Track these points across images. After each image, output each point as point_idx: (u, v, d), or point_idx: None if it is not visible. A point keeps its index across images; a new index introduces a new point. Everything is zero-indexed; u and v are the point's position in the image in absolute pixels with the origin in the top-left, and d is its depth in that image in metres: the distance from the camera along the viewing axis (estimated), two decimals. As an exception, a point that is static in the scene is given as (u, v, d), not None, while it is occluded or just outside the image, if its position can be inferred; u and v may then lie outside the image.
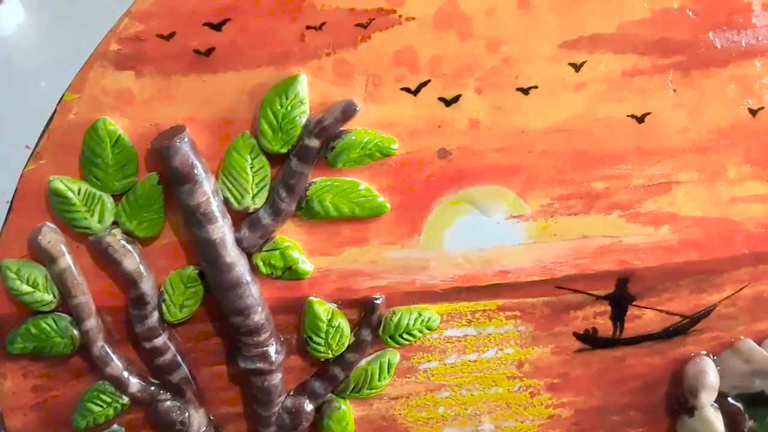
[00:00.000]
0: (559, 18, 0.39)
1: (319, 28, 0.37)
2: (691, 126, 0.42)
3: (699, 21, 0.40)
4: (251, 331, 0.41)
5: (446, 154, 0.41)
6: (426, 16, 0.38)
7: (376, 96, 0.39)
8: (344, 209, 0.40)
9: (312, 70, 0.38)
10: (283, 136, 0.38)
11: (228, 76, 0.38)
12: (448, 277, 0.44)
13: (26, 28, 0.71)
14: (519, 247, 0.44)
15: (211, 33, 0.37)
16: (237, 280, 0.39)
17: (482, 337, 0.46)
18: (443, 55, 0.39)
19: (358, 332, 0.43)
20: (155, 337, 0.41)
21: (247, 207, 0.39)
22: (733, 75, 0.42)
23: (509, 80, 0.40)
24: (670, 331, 0.47)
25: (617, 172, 0.43)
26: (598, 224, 0.44)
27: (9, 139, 0.59)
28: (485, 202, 0.42)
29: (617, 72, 0.40)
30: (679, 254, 0.45)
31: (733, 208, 0.45)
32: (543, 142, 0.41)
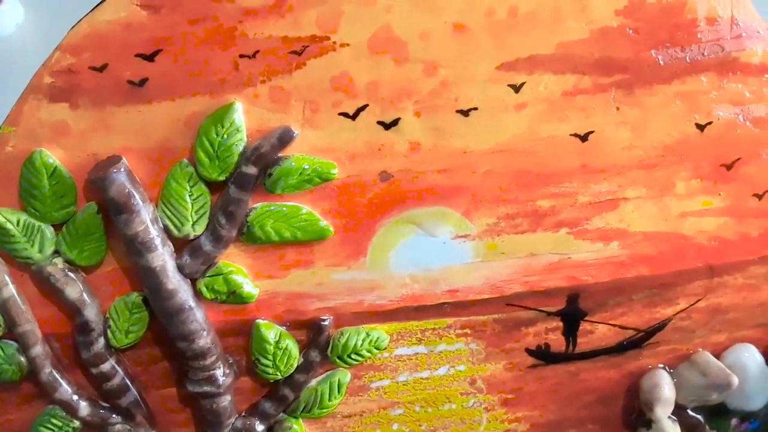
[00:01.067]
0: (496, 40, 0.39)
1: (252, 56, 0.37)
2: (636, 143, 0.42)
3: (640, 39, 0.40)
4: (197, 355, 0.41)
5: (388, 177, 0.41)
6: (360, 42, 0.38)
7: (314, 121, 0.39)
8: (286, 234, 0.40)
9: (248, 97, 0.38)
10: (220, 164, 0.38)
11: (163, 106, 0.38)
12: (396, 297, 0.44)
13: (26, 28, 0.71)
14: (466, 266, 0.44)
15: (143, 64, 0.37)
16: (180, 306, 0.40)
17: (433, 355, 0.46)
18: (380, 80, 0.39)
19: (306, 353, 0.43)
20: (102, 363, 0.41)
21: (187, 234, 0.39)
22: (678, 91, 0.41)
23: (448, 103, 0.40)
24: (624, 344, 0.47)
25: (563, 190, 0.43)
26: (546, 242, 0.44)
27: None
28: (430, 222, 0.42)
29: (558, 92, 0.40)
30: (630, 269, 0.45)
31: (684, 223, 0.45)
32: (486, 163, 0.41)
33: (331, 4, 0.37)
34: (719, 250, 0.46)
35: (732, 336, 0.49)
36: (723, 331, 0.48)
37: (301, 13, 0.37)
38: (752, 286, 0.47)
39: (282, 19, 0.37)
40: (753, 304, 0.48)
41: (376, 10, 0.37)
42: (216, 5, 0.36)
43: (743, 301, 0.48)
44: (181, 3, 0.36)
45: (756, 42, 0.42)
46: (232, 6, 0.36)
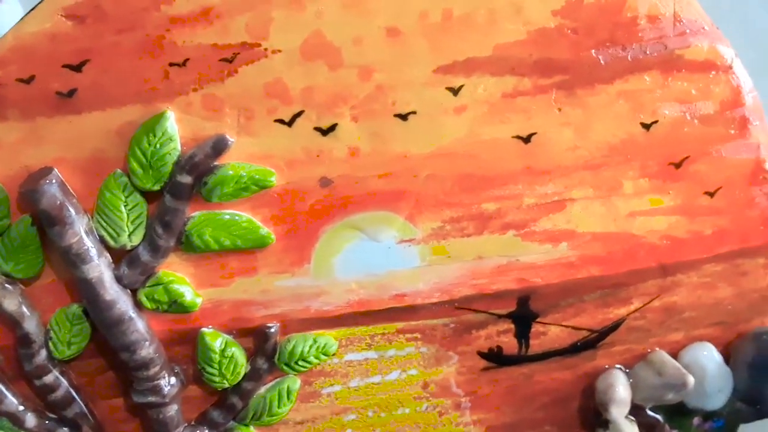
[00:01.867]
0: (431, 44, 0.38)
1: (182, 64, 0.37)
2: (580, 143, 0.42)
3: (579, 39, 0.40)
4: (140, 365, 0.41)
5: (328, 183, 0.40)
6: (292, 48, 0.37)
7: (249, 129, 0.39)
8: (226, 242, 0.40)
9: (180, 106, 0.38)
10: (154, 173, 0.38)
11: (94, 116, 0.38)
12: (343, 303, 0.43)
13: None
14: (413, 270, 0.43)
15: (71, 74, 0.37)
16: (119, 317, 0.39)
17: (384, 360, 0.46)
18: (315, 86, 0.38)
19: (254, 361, 0.43)
20: (45, 375, 0.41)
21: (124, 245, 0.39)
22: (621, 90, 0.41)
23: (386, 107, 0.39)
24: (578, 345, 0.47)
25: (508, 193, 0.42)
26: (493, 244, 0.43)
27: None
28: (373, 227, 0.42)
29: (497, 94, 0.40)
30: (580, 270, 0.45)
31: (634, 222, 0.44)
32: (427, 167, 0.41)
33: (259, 10, 0.37)
34: (671, 248, 0.45)
35: (689, 334, 0.48)
36: (680, 330, 0.48)
37: (229, 20, 0.37)
38: (708, 285, 0.47)
39: (210, 26, 0.37)
40: (709, 303, 0.47)
41: (306, 16, 0.37)
42: (142, 14, 0.36)
43: (699, 299, 0.47)
44: (106, 13, 0.36)
45: (701, 39, 0.41)
46: (159, 14, 0.36)
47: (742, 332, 0.49)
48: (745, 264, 0.47)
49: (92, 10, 0.36)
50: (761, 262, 0.47)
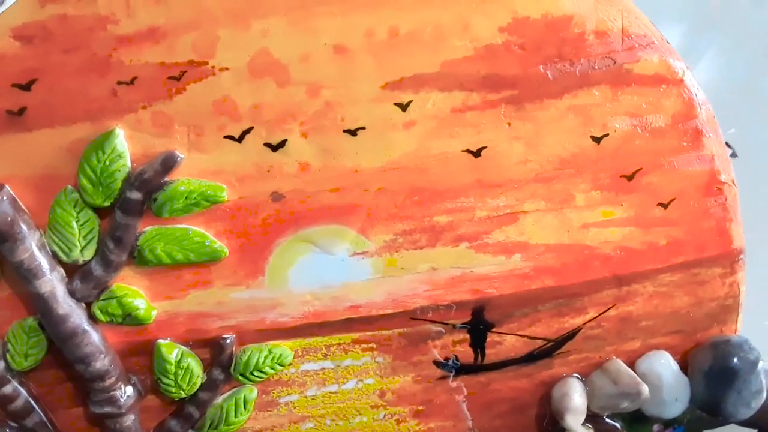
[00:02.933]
0: (378, 61, 0.39)
1: (130, 82, 0.38)
2: (531, 157, 0.42)
3: (527, 55, 0.40)
4: (95, 377, 0.41)
5: (280, 197, 0.41)
6: (239, 66, 0.38)
7: (199, 145, 0.39)
8: (178, 256, 0.41)
9: (130, 123, 0.38)
10: (104, 190, 0.38)
11: (44, 134, 0.38)
12: (299, 314, 0.44)
13: None
14: (367, 282, 0.44)
15: (20, 93, 0.37)
16: (73, 330, 0.40)
17: (340, 370, 0.46)
18: (263, 103, 0.39)
19: (210, 372, 0.44)
20: (3, 385, 0.42)
21: (76, 260, 0.40)
22: (571, 105, 0.41)
23: (335, 123, 0.40)
24: (534, 354, 0.48)
25: (459, 206, 0.43)
26: (447, 256, 0.44)
27: None
28: (326, 241, 0.42)
29: (446, 109, 0.40)
30: (534, 281, 0.45)
31: (587, 234, 0.45)
32: (378, 181, 0.41)
33: (205, 29, 0.37)
34: (625, 259, 0.46)
35: (646, 343, 0.49)
36: (637, 339, 0.49)
37: (175, 39, 0.37)
38: (664, 294, 0.47)
39: (157, 45, 0.37)
40: (666, 312, 0.48)
41: (252, 35, 0.37)
42: (88, 34, 0.36)
43: (655, 309, 0.48)
44: (53, 33, 0.36)
45: (650, 53, 0.42)
46: (105, 34, 0.36)
47: (700, 341, 0.49)
48: (702, 273, 0.47)
49: (39, 30, 0.36)
50: (718, 271, 0.47)
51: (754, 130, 0.63)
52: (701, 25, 0.61)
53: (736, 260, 0.47)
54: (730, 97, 0.62)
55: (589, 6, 0.40)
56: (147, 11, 0.36)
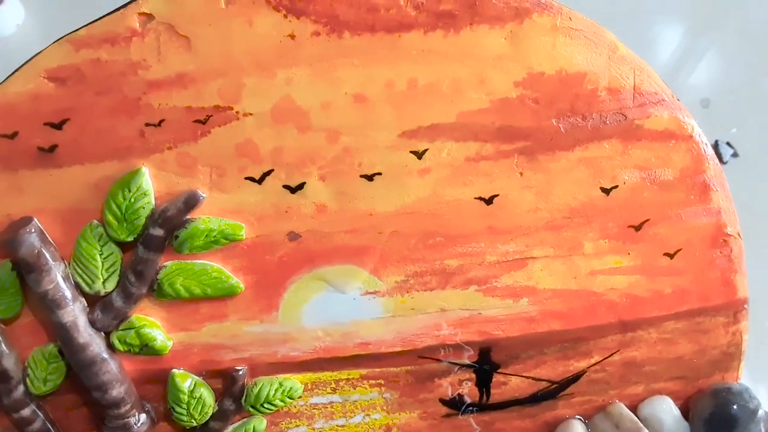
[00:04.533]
0: (397, 110, 0.40)
1: (158, 125, 0.39)
2: (541, 206, 0.43)
3: (540, 109, 0.41)
4: (111, 404, 0.43)
5: (296, 237, 0.42)
6: (263, 111, 0.39)
7: (221, 185, 0.41)
8: (196, 290, 0.42)
9: (155, 162, 0.40)
10: (128, 226, 0.40)
11: (74, 170, 0.40)
12: (310, 349, 0.45)
13: (26, 28, 0.72)
14: (377, 320, 0.45)
15: (52, 131, 0.39)
16: (92, 359, 0.41)
17: (348, 404, 0.47)
18: (284, 147, 0.40)
19: (222, 402, 0.45)
20: (22, 408, 0.43)
21: (98, 291, 0.41)
22: (581, 157, 0.43)
23: (352, 168, 0.41)
24: (538, 396, 0.49)
25: (470, 250, 0.44)
26: (456, 298, 0.45)
27: None
28: (339, 280, 0.44)
29: (461, 158, 0.42)
30: (540, 324, 0.46)
31: (594, 280, 0.46)
32: (392, 224, 0.43)
33: (232, 77, 0.38)
34: (631, 306, 0.47)
35: (649, 388, 0.50)
36: (640, 383, 0.49)
37: (203, 86, 0.38)
38: (667, 341, 0.48)
39: (185, 90, 0.38)
40: (669, 358, 0.49)
41: (276, 83, 0.39)
42: (120, 78, 0.38)
43: (659, 354, 0.48)
44: (85, 76, 0.38)
45: (661, 109, 0.43)
46: (136, 78, 0.38)
47: (701, 388, 0.50)
48: (706, 322, 0.48)
49: (73, 72, 0.38)
50: (721, 320, 0.48)
51: (754, 130, 0.63)
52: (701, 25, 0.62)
53: (739, 310, 0.48)
54: (730, 97, 0.63)
55: (602, 64, 0.41)
56: (177, 58, 0.38)
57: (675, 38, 0.65)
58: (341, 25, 0.38)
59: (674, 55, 0.65)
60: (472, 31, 0.39)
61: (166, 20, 0.37)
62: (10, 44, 0.71)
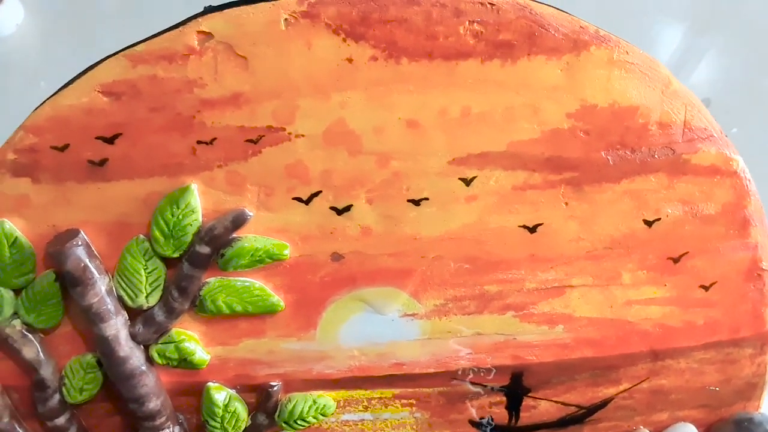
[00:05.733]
0: (448, 137, 0.40)
1: (210, 143, 0.39)
2: (583, 236, 0.43)
3: (591, 140, 0.41)
4: (147, 417, 0.43)
5: (339, 258, 0.42)
6: (315, 134, 0.39)
7: (268, 205, 0.41)
8: (237, 307, 0.42)
9: (205, 180, 0.40)
10: (175, 242, 0.40)
11: (122, 184, 0.39)
12: (344, 368, 0.45)
13: (26, 28, 0.71)
14: (414, 342, 0.45)
15: (103, 145, 0.38)
16: (131, 372, 0.41)
17: (379, 422, 0.47)
18: (334, 169, 0.40)
19: (255, 416, 0.45)
20: (56, 417, 0.43)
21: (141, 305, 0.41)
22: (627, 190, 0.43)
23: (400, 192, 0.41)
24: (566, 420, 0.49)
25: (510, 277, 0.44)
26: (493, 323, 0.45)
27: None
28: (379, 301, 0.44)
29: (508, 186, 0.42)
30: (574, 351, 0.46)
31: (630, 310, 0.46)
32: (435, 249, 0.43)
33: (287, 98, 0.38)
34: (663, 336, 0.47)
35: (674, 415, 0.50)
36: (665, 410, 0.50)
37: (257, 106, 0.38)
38: (695, 370, 0.49)
39: (239, 110, 0.38)
40: (696, 387, 0.49)
41: (330, 106, 0.39)
42: (175, 95, 0.38)
43: (686, 383, 0.49)
44: (140, 92, 0.37)
45: (709, 145, 0.43)
46: (191, 96, 0.38)
47: (723, 416, 0.50)
48: (734, 353, 0.48)
49: (128, 88, 0.37)
50: (749, 351, 0.48)
51: (754, 129, 0.64)
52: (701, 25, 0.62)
53: (766, 342, 0.48)
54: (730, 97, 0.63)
55: (655, 98, 0.41)
56: (233, 78, 0.38)
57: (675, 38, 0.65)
58: (399, 50, 0.38)
59: (674, 55, 0.65)
60: (529, 61, 0.39)
61: (224, 40, 0.37)
62: (9, 44, 0.70)
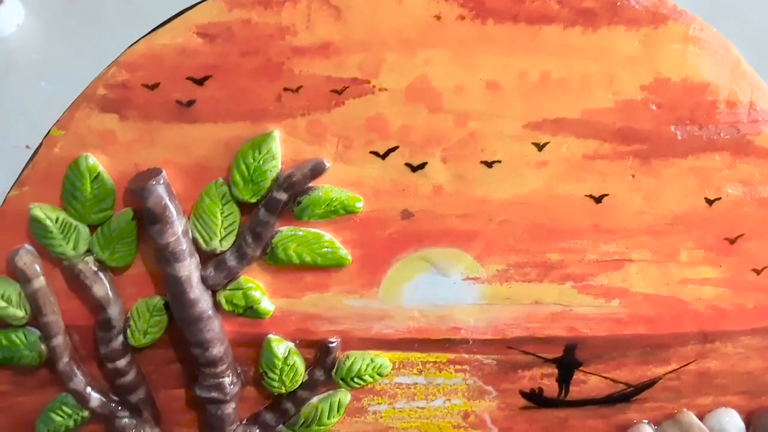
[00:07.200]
0: (526, 101, 0.41)
1: (296, 90, 0.40)
2: (647, 210, 0.44)
3: (661, 114, 0.42)
4: (209, 363, 0.43)
5: (409, 215, 0.43)
6: (398, 88, 0.40)
7: (345, 157, 0.41)
8: (307, 258, 0.42)
9: (287, 127, 0.40)
10: (254, 187, 0.40)
11: (207, 127, 0.40)
12: (403, 328, 0.46)
13: (26, 28, 0.72)
14: (473, 306, 0.46)
15: (193, 86, 0.39)
16: (199, 315, 0.42)
17: (431, 387, 0.48)
18: (412, 125, 0.41)
19: (312, 371, 0.46)
20: (118, 359, 0.44)
21: (214, 249, 0.42)
22: (692, 166, 0.44)
23: (474, 153, 0.42)
24: (614, 397, 0.49)
25: (572, 246, 0.45)
26: (551, 292, 0.46)
27: (9, 139, 0.60)
28: (444, 262, 0.44)
29: (578, 154, 0.42)
30: (627, 327, 0.47)
31: (684, 289, 0.47)
32: (503, 212, 0.43)
33: (374, 51, 0.39)
34: (715, 317, 0.48)
35: (717, 400, 0.51)
36: (709, 395, 0.50)
37: (345, 57, 0.39)
38: (741, 355, 0.49)
39: (327, 59, 0.39)
40: (740, 372, 0.50)
41: (416, 62, 0.40)
42: (267, 41, 0.39)
43: (732, 368, 0.49)
44: (234, 35, 0.38)
45: (771, 127, 0.44)
46: (282, 43, 0.39)
47: (764, 404, 0.51)
48: (780, 340, 0.49)
49: (223, 30, 0.38)
50: (794, 340, 0.49)
51: None
52: None
53: (812, 330, 0.49)
54: None
55: (725, 77, 0.42)
56: (325, 27, 0.39)
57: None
58: (486, 11, 0.39)
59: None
60: (609, 30, 0.40)
61: (319, -12, 0.38)
62: (10, 44, 0.71)
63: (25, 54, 0.68)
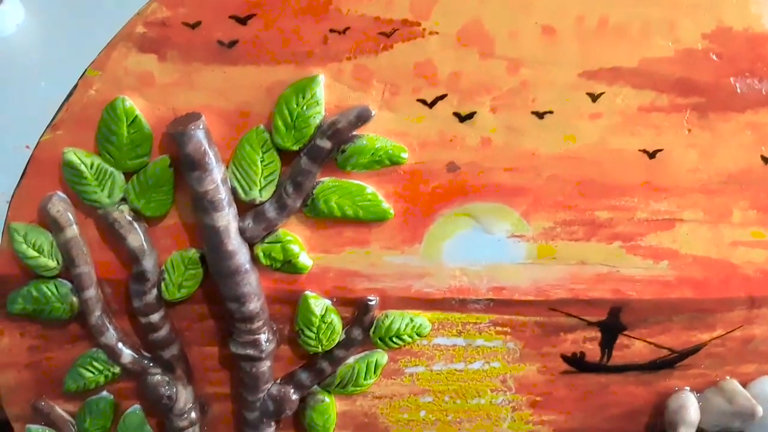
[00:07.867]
0: (582, 47, 0.39)
1: (342, 32, 0.38)
2: (701, 167, 0.42)
3: (722, 65, 0.40)
4: (245, 318, 0.42)
5: (455, 168, 0.41)
6: (449, 32, 0.38)
7: (391, 104, 0.40)
8: (348, 211, 0.41)
9: (332, 72, 0.39)
10: (296, 134, 0.39)
11: (248, 70, 0.38)
12: (444, 287, 0.44)
13: (26, 28, 0.70)
14: (517, 266, 0.44)
15: (236, 26, 0.37)
16: (236, 268, 0.40)
17: (471, 349, 0.46)
18: (462, 72, 0.39)
19: (349, 330, 0.44)
20: (152, 313, 0.42)
21: (253, 199, 0.40)
22: (750, 121, 0.42)
23: (525, 103, 0.40)
24: (657, 363, 0.48)
25: (622, 204, 0.43)
26: (598, 252, 0.44)
27: (9, 139, 0.59)
28: (488, 218, 0.43)
29: (634, 107, 0.41)
30: (674, 290, 0.45)
31: (735, 252, 0.45)
32: (552, 167, 0.42)
33: (427, -10, 0.37)
34: (764, 282, 0.46)
35: (761, 368, 0.49)
36: (753, 362, 0.49)
37: (396, -4, 0.37)
38: (787, 323, 0.48)
39: (377, -1, 0.37)
40: (786, 340, 0.48)
41: (469, 3, 0.38)
42: (316, -22, 0.37)
43: (777, 336, 0.48)
44: (282, -29, 0.36)
45: (832, 83, 0.42)
46: (331, -20, 0.37)
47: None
48: (826, 309, 0.47)
49: (268, -33, 0.36)
50: (842, 309, 0.47)
51: None
52: None
53: None
54: None
55: (788, 28, 0.40)
56: (376, -36, 0.37)
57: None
58: (545, -49, 0.37)
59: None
60: (671, -26, 0.38)
61: (371, -77, 0.36)
62: (10, 44, 0.69)
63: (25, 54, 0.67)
